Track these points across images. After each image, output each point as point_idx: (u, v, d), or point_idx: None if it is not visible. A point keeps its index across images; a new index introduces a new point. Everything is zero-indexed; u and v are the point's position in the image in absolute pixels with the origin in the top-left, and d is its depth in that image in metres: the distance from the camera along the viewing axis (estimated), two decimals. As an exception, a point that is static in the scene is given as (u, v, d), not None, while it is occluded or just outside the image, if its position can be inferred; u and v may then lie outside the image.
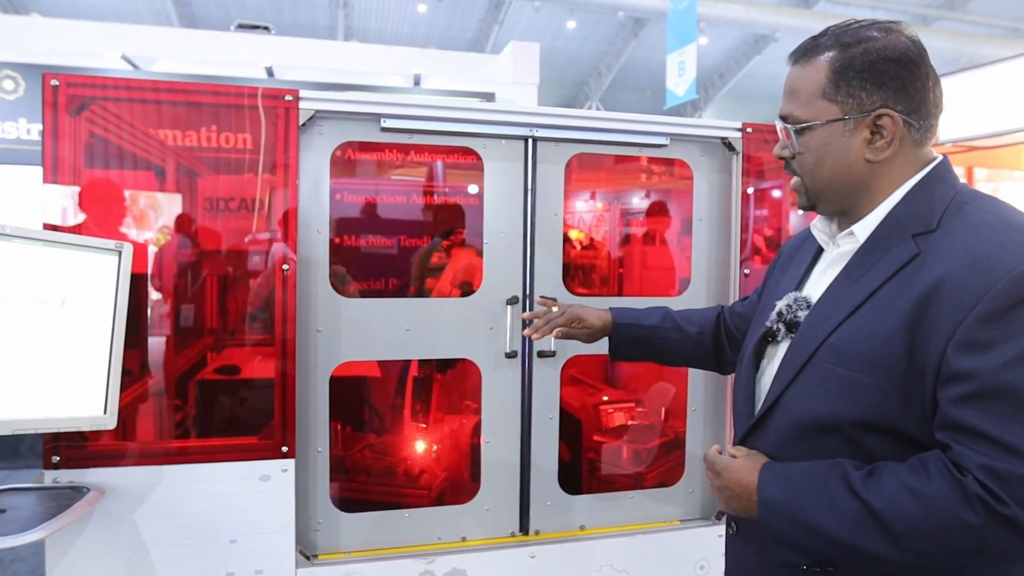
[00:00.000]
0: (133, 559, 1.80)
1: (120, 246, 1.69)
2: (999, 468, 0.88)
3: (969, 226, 0.99)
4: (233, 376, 1.92)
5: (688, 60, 11.91)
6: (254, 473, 1.87)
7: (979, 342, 0.91)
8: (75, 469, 1.77)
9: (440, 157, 3.27)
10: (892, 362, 0.98)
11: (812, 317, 1.11)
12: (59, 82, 1.72)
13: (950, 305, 0.93)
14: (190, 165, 1.86)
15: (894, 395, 0.98)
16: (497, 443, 2.13)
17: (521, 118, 2.06)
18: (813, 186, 1.13)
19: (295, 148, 1.86)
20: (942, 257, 0.98)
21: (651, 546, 2.21)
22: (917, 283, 0.97)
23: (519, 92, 5.32)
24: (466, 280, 3.00)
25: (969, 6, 16.87)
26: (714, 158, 2.29)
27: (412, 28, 17.89)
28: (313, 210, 1.95)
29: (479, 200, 3.43)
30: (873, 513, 0.95)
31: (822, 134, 1.08)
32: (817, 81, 1.08)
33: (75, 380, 1.61)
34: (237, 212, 1.86)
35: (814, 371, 1.06)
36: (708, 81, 20.07)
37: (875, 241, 1.07)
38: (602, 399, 3.05)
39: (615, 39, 18.70)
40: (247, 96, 1.82)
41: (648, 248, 3.93)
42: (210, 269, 1.89)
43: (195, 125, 1.80)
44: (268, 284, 1.87)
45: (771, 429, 1.13)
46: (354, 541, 2.04)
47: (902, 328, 0.97)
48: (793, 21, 15.78)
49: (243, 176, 1.82)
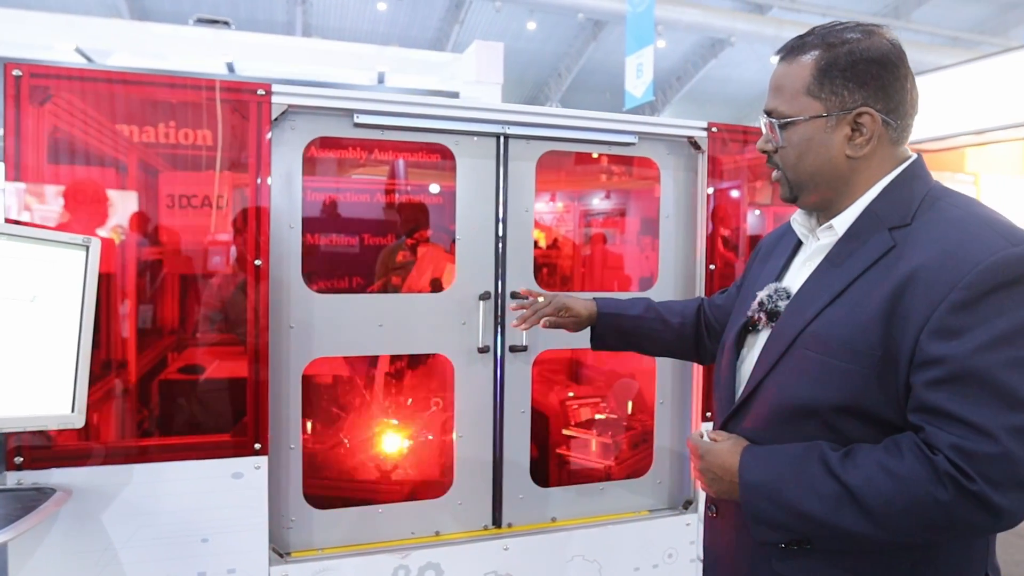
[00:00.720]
0: (101, 560, 1.77)
1: (87, 241, 1.65)
2: (968, 447, 0.93)
3: (942, 220, 1.05)
4: (203, 374, 1.89)
5: (646, 62, 12.09)
6: (226, 471, 1.85)
7: (950, 329, 0.96)
8: (39, 470, 1.73)
9: (408, 155, 3.27)
10: (869, 349, 1.02)
11: (792, 306, 1.16)
12: (21, 72, 1.67)
13: (924, 295, 0.99)
14: (155, 161, 1.82)
15: (870, 380, 1.03)
16: (470, 437, 2.15)
17: (494, 115, 2.08)
18: (795, 179, 1.18)
19: (267, 141, 1.84)
20: (916, 250, 1.03)
21: (621, 536, 2.26)
22: (893, 274, 1.03)
23: (483, 91, 5.33)
24: (435, 277, 3.01)
25: (913, 15, 17.52)
26: (680, 157, 2.35)
27: (371, 26, 17.75)
28: (285, 205, 1.94)
29: (443, 199, 3.45)
30: (850, 492, 1.00)
31: (805, 129, 1.13)
32: (802, 78, 1.12)
33: (42, 378, 1.58)
34: (207, 208, 1.83)
35: (794, 358, 1.11)
36: (666, 83, 20.38)
37: (853, 234, 1.12)
38: (568, 395, 3.10)
39: (575, 40, 18.86)
40: (219, 90, 1.80)
41: (608, 247, 4.00)
42: (180, 266, 1.86)
43: (165, 119, 1.78)
44: (237, 279, 1.85)
45: (752, 414, 1.18)
46: (327, 538, 2.03)
47: (879, 316, 1.02)
48: (748, 26, 16.17)
49: (215, 172, 1.80)
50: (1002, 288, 0.95)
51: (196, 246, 1.84)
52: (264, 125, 1.83)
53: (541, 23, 17.45)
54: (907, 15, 17.58)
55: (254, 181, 1.84)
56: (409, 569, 2.03)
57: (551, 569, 2.18)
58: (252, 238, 1.84)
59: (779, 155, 1.19)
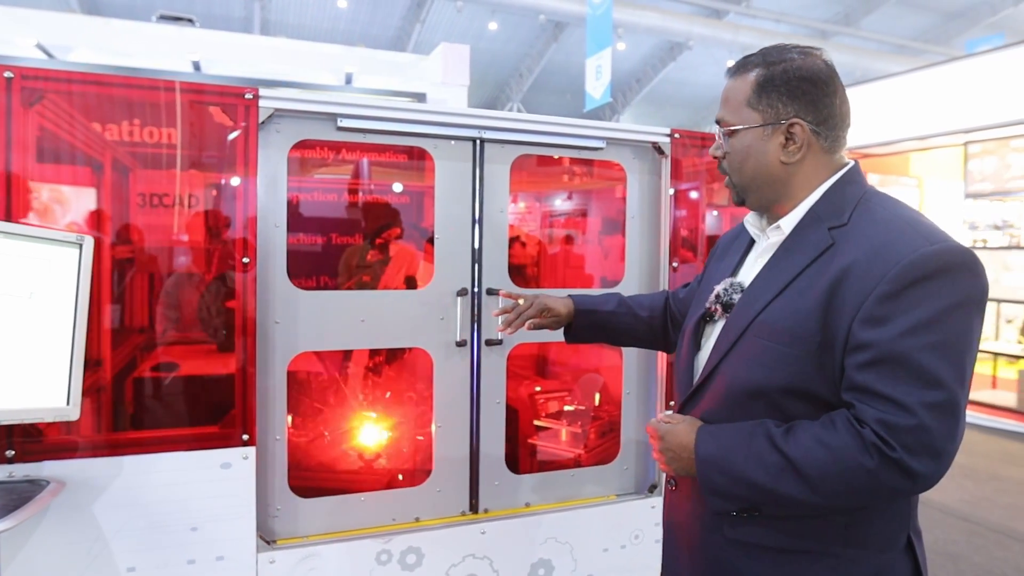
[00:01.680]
0: (93, 550, 1.82)
1: (81, 239, 1.70)
2: (890, 420, 1.07)
3: (872, 220, 1.19)
4: (192, 368, 1.96)
5: (604, 64, 12.28)
6: (215, 461, 1.92)
7: (877, 318, 1.10)
8: (31, 463, 1.77)
9: (377, 155, 3.35)
10: (809, 335, 1.16)
11: (744, 298, 1.30)
12: (13, 74, 1.71)
13: (856, 288, 1.12)
14: (141, 160, 1.88)
15: (811, 364, 1.16)
16: (448, 427, 2.25)
17: (470, 120, 2.19)
18: (740, 182, 1.33)
19: (255, 145, 1.91)
20: (850, 247, 1.17)
21: (590, 519, 2.39)
22: (830, 269, 1.17)
23: (449, 93, 5.40)
24: (409, 275, 3.11)
25: (862, 23, 18.14)
26: (645, 161, 2.49)
27: (332, 24, 17.61)
28: (271, 205, 2.01)
29: (411, 199, 3.54)
30: (791, 462, 1.13)
31: (746, 137, 1.28)
32: (744, 92, 1.28)
33: (38, 372, 1.63)
34: (197, 209, 1.90)
35: (746, 344, 1.24)
36: (626, 85, 20.72)
37: (798, 233, 1.26)
38: (535, 389, 3.22)
39: (536, 42, 19.02)
40: (208, 93, 1.87)
41: (573, 247, 4.14)
42: (170, 265, 1.92)
43: (155, 121, 1.84)
44: (227, 277, 1.92)
45: (708, 396, 1.31)
46: (312, 525, 2.11)
47: (818, 307, 1.16)
48: (705, 31, 16.55)
49: (205, 173, 1.86)
50: (921, 281, 1.09)
51: (189, 245, 1.90)
52: (252, 128, 1.91)
53: (503, 24, 17.55)
54: (856, 23, 18.21)
55: (242, 182, 1.91)
56: (391, 553, 2.12)
57: (526, 551, 2.29)
58: (240, 237, 1.91)
59: (726, 160, 1.34)
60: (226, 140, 1.89)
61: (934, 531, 4.24)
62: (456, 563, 2.21)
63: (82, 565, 1.81)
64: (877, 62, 17.55)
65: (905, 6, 17.72)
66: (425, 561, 2.16)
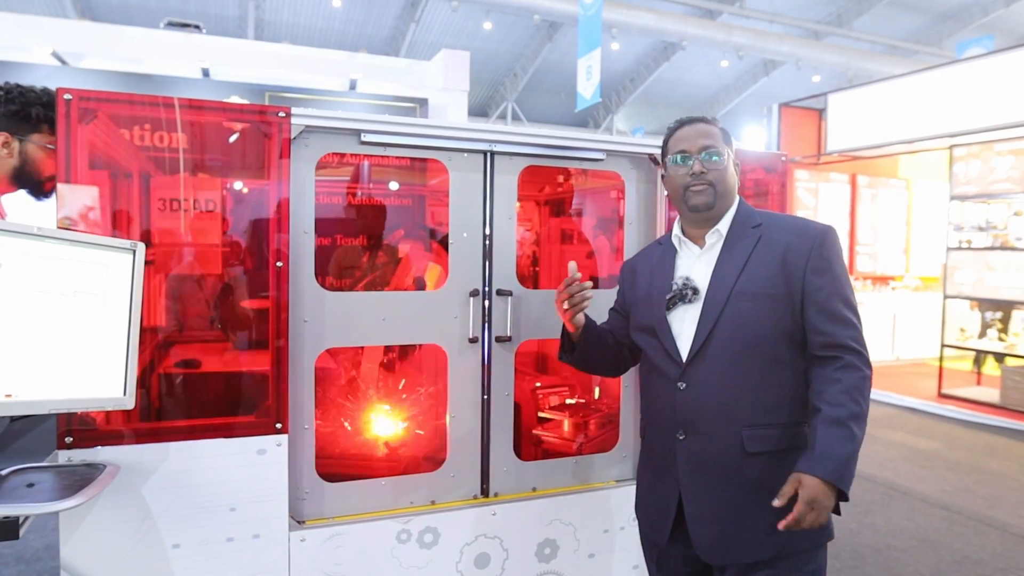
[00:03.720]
0: (143, 528, 2.00)
1: (135, 245, 1.88)
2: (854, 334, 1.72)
3: (776, 218, 1.89)
4: (229, 362, 2.14)
5: (595, 64, 12.46)
6: (251, 448, 2.10)
7: (822, 268, 1.74)
8: (87, 448, 1.95)
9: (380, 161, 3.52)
10: (777, 291, 1.75)
11: (715, 281, 1.81)
12: (72, 96, 1.89)
13: (797, 254, 1.76)
14: (189, 168, 2.06)
15: (783, 311, 1.75)
16: (461, 417, 2.44)
17: (482, 135, 2.37)
18: (722, 190, 1.86)
19: (287, 158, 2.10)
20: (777, 232, 1.81)
21: (592, 502, 2.58)
22: (775, 246, 1.78)
23: (450, 98, 5.59)
24: (418, 276, 3.29)
25: (855, 24, 18.34)
26: (641, 171, 2.68)
27: (326, 23, 17.69)
28: (300, 213, 2.19)
29: (414, 202, 3.70)
30: (854, 418, 1.64)
31: (726, 162, 1.88)
32: (718, 135, 1.90)
33: (98, 366, 1.81)
34: (239, 217, 2.08)
35: (733, 310, 1.76)
36: (619, 85, 20.91)
37: (733, 234, 1.86)
38: (535, 385, 3.42)
39: (530, 42, 19.16)
40: (248, 112, 2.05)
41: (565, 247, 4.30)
42: (222, 267, 2.10)
43: (210, 140, 2.02)
44: (263, 281, 2.10)
45: (708, 359, 1.77)
46: (337, 507, 2.29)
47: (777, 271, 1.76)
48: (699, 31, 16.73)
49: (245, 185, 2.05)
50: (828, 243, 1.78)
51: (231, 250, 2.09)
52: (285, 143, 2.09)
53: (497, 24, 17.67)
54: (849, 23, 18.42)
55: (275, 193, 2.09)
56: (411, 532, 2.31)
57: (533, 531, 2.49)
58: (273, 244, 2.09)
59: (714, 173, 1.85)
60: (261, 153, 2.07)
61: (915, 519, 4.45)
62: (469, 542, 2.40)
63: (133, 541, 2.00)
64: (869, 62, 17.79)
65: (897, 7, 17.95)
66: (441, 540, 2.35)
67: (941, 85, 7.32)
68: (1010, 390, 6.81)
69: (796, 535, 1.68)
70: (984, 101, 6.85)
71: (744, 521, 1.75)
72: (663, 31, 16.73)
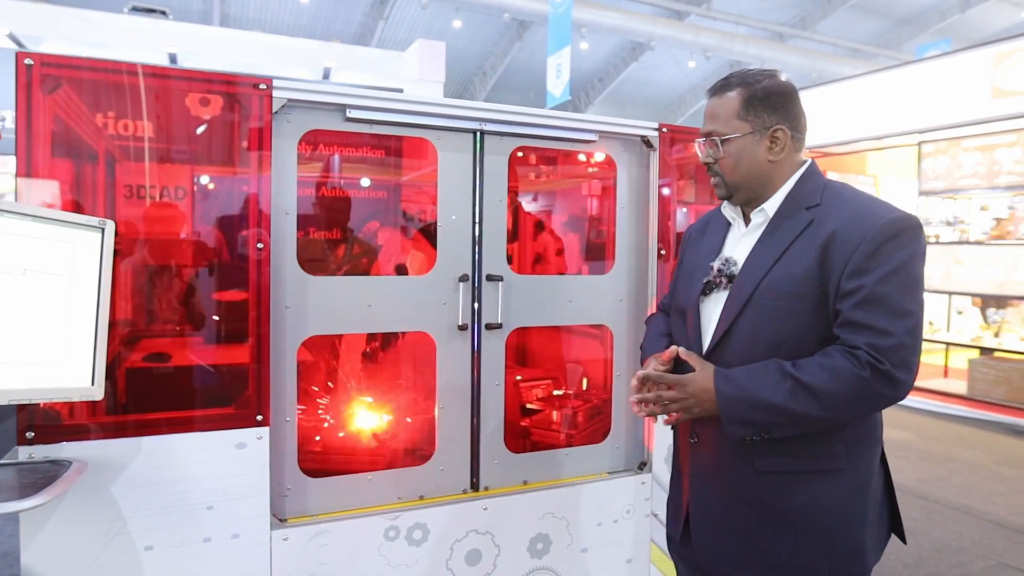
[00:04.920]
0: (112, 529, 1.86)
1: (103, 223, 1.75)
2: (876, 343, 1.37)
3: (842, 199, 1.51)
4: (207, 349, 2.00)
5: (564, 63, 12.50)
6: (230, 442, 1.97)
7: (862, 269, 1.40)
8: (50, 444, 1.80)
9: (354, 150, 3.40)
10: (808, 291, 1.45)
11: (745, 269, 1.55)
12: (33, 61, 1.75)
13: (842, 248, 1.43)
14: (180, 150, 1.92)
15: (812, 314, 1.46)
16: (450, 408, 2.34)
17: (472, 112, 2.28)
18: (732, 181, 1.59)
19: (269, 134, 1.97)
20: (831, 218, 1.47)
21: (585, 495, 2.50)
22: (818, 237, 1.46)
23: (426, 89, 5.48)
24: (399, 263, 3.18)
25: (818, 27, 18.66)
26: (633, 154, 2.61)
27: (293, 19, 17.39)
28: (282, 193, 2.07)
29: (388, 192, 3.59)
30: (801, 383, 1.40)
31: (739, 143, 1.56)
32: (732, 107, 1.56)
33: (62, 353, 1.66)
34: (214, 197, 1.95)
35: (755, 307, 1.51)
36: (588, 84, 20.95)
37: (780, 214, 1.55)
38: (516, 378, 3.32)
39: (500, 40, 19.09)
40: (221, 83, 1.92)
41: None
42: (192, 250, 1.97)
43: (184, 114, 1.88)
44: (242, 262, 1.97)
45: (728, 351, 1.55)
46: (321, 504, 2.17)
47: (813, 268, 1.45)
48: (667, 31, 16.83)
49: (226, 162, 1.92)
50: (891, 239, 1.41)
51: (207, 232, 1.95)
52: (266, 116, 1.96)
53: (467, 22, 17.56)
54: (812, 26, 18.73)
55: (256, 171, 1.97)
56: (399, 529, 2.20)
57: (525, 526, 2.40)
58: (254, 224, 1.97)
59: (720, 164, 1.59)
60: (240, 128, 1.95)
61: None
62: (460, 538, 2.30)
63: (101, 544, 1.85)
64: (832, 64, 18.10)
65: (858, 11, 18.32)
66: (431, 536, 2.25)
67: (907, 83, 7.44)
68: (977, 381, 6.94)
69: (817, 564, 1.48)
70: (951, 99, 6.98)
71: (750, 540, 1.55)
72: (632, 31, 16.79)
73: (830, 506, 1.49)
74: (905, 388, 1.39)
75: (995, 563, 3.79)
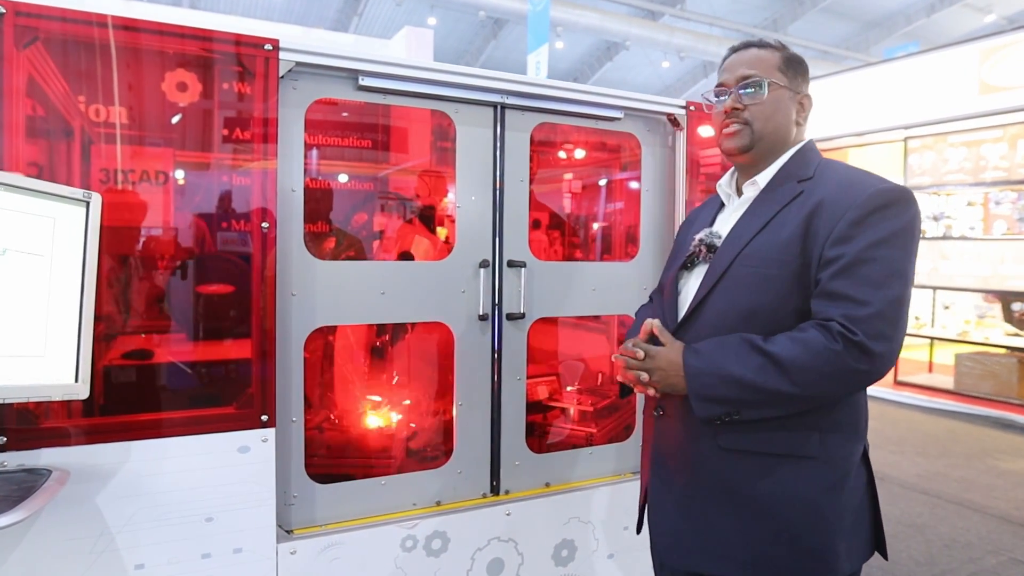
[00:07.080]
0: (97, 546, 1.63)
1: (88, 196, 1.52)
2: (850, 313, 1.28)
3: (835, 170, 1.46)
4: (204, 342, 1.79)
5: (543, 60, 12.52)
6: (232, 445, 1.76)
7: (846, 237, 1.32)
8: (26, 451, 1.57)
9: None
10: (791, 259, 1.37)
11: (728, 240, 1.49)
12: (6, 9, 1.52)
13: (828, 216, 1.35)
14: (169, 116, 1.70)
15: (792, 284, 1.37)
16: (469, 405, 2.15)
17: (494, 83, 2.10)
18: (761, 129, 1.50)
19: (275, 100, 1.77)
20: (820, 188, 1.41)
21: (611, 497, 2.33)
22: (805, 206, 1.40)
23: (412, 78, 5.28)
24: (404, 250, 2.98)
25: (789, 29, 18.85)
26: (658, 133, 2.45)
27: (265, 13, 17.03)
28: (288, 168, 1.86)
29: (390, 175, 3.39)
30: (771, 358, 1.31)
31: (779, 93, 1.50)
32: (774, 61, 1.51)
33: (42, 345, 1.44)
34: (219, 171, 1.74)
35: (733, 276, 1.43)
36: (564, 84, 20.89)
37: (771, 187, 1.49)
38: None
39: (475, 38, 18.93)
40: (222, 42, 1.71)
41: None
42: (191, 229, 1.75)
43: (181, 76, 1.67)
44: (245, 244, 1.76)
45: (698, 325, 1.47)
46: (330, 513, 1.97)
47: (796, 235, 1.37)
48: (642, 31, 16.85)
49: (231, 131, 1.70)
50: (880, 209, 1.33)
51: (209, 211, 1.74)
52: (272, 81, 1.76)
53: (442, 19, 17.36)
54: (783, 28, 18.92)
55: (260, 141, 1.76)
56: (417, 539, 2.01)
57: (550, 532, 2.22)
58: (259, 202, 1.76)
59: (753, 110, 1.50)
60: (244, 93, 1.73)
61: (898, 504, 4.40)
62: (482, 547, 2.11)
63: (85, 563, 1.62)
64: (803, 66, 18.31)
65: (828, 14, 18.54)
66: (451, 546, 2.06)
67: (896, 79, 7.44)
68: (963, 376, 6.95)
69: (779, 559, 1.37)
70: (938, 94, 6.99)
71: (709, 525, 1.43)
72: (607, 31, 16.77)
73: (798, 496, 1.37)
74: (882, 362, 1.29)
75: (1006, 559, 3.72)
